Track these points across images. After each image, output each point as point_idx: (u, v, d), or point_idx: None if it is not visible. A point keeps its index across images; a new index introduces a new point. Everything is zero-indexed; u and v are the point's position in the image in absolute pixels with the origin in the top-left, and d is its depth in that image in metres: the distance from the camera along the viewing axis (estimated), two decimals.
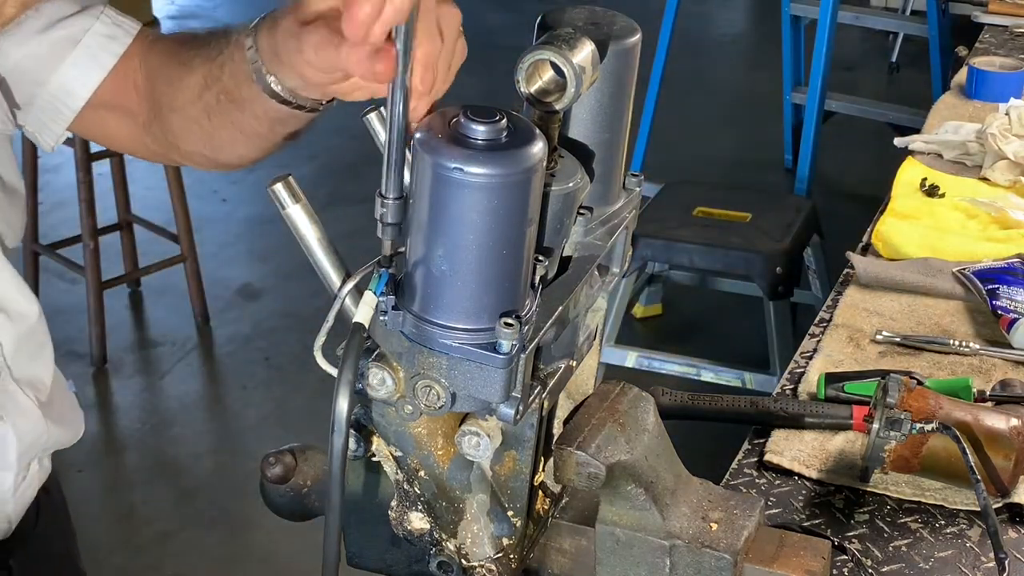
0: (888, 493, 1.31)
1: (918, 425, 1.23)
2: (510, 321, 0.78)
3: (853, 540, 1.25)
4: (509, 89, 0.85)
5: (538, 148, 0.77)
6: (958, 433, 1.21)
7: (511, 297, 0.79)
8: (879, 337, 1.60)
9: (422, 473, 0.90)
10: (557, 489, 0.98)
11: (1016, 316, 1.58)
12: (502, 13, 6.51)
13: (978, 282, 1.68)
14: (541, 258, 0.83)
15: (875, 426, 1.25)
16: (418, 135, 0.77)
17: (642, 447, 0.93)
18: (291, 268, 4.10)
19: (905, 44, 5.88)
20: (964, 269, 1.73)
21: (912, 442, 1.25)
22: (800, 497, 1.32)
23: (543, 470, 0.93)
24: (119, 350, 3.78)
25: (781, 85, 4.78)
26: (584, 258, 0.90)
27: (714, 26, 6.81)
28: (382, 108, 0.89)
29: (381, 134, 0.89)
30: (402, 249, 0.81)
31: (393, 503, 0.93)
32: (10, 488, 1.20)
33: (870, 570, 1.21)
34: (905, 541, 1.25)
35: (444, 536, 0.92)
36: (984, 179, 2.09)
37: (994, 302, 1.63)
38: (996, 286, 1.66)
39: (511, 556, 0.92)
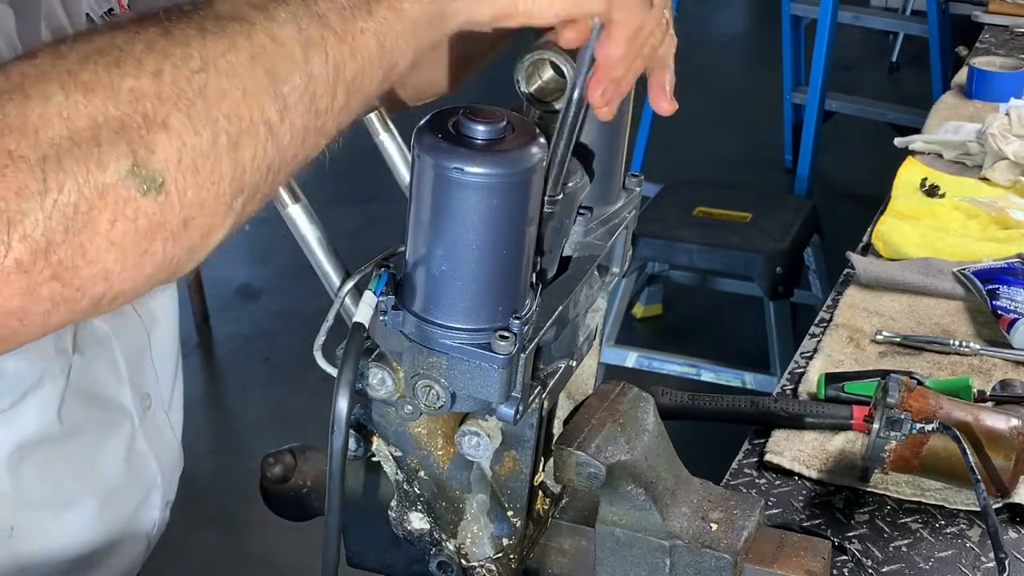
0: (888, 493, 1.31)
1: (918, 425, 1.23)
2: (505, 334, 0.78)
3: (853, 540, 1.25)
4: (509, 89, 0.85)
5: (538, 148, 0.76)
6: (958, 433, 1.21)
7: (511, 297, 0.79)
8: (879, 337, 1.60)
9: (422, 473, 0.90)
10: (557, 489, 0.98)
11: (1016, 316, 1.58)
12: None
13: (978, 282, 1.68)
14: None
15: (875, 426, 1.25)
16: (417, 135, 0.77)
17: (642, 447, 0.93)
18: (291, 268, 4.10)
19: (905, 44, 5.88)
20: (964, 269, 1.73)
21: (912, 442, 1.24)
22: (800, 497, 1.32)
23: (543, 470, 0.93)
24: None
25: (781, 85, 4.78)
26: (584, 258, 0.90)
27: (714, 26, 6.81)
28: (382, 109, 0.89)
29: (381, 134, 0.89)
30: (402, 248, 0.81)
31: (393, 503, 0.92)
32: (155, 527, 1.16)
33: (870, 570, 1.21)
34: (905, 541, 1.25)
35: (444, 536, 0.92)
36: (984, 179, 2.10)
37: (994, 302, 1.63)
38: (996, 286, 1.66)
39: (511, 556, 0.92)
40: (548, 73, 0.84)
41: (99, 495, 1.07)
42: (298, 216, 0.81)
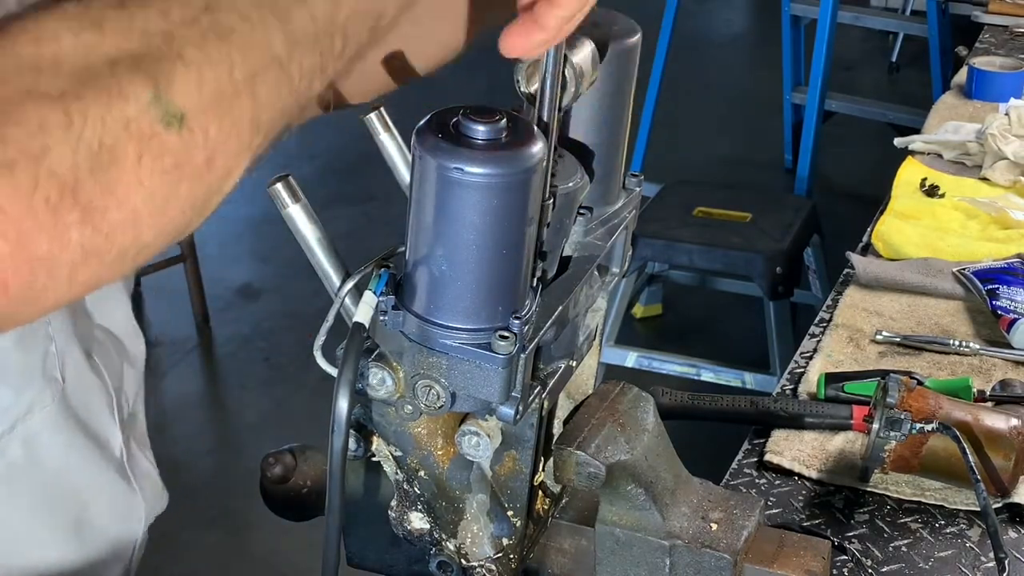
0: (888, 493, 1.31)
1: (918, 425, 1.23)
2: (505, 334, 0.78)
3: (853, 540, 1.25)
4: (509, 89, 0.85)
5: (538, 148, 0.76)
6: (958, 433, 1.21)
7: (511, 297, 0.79)
8: (879, 337, 1.60)
9: (422, 473, 0.90)
10: (557, 489, 0.98)
11: (1016, 316, 1.58)
12: None
13: (978, 282, 1.68)
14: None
15: (875, 426, 1.25)
16: (417, 135, 0.77)
17: (642, 447, 0.93)
18: (291, 268, 4.10)
19: (905, 44, 5.88)
20: (964, 269, 1.73)
21: (912, 442, 1.25)
22: (800, 497, 1.32)
23: (543, 470, 0.93)
24: None
25: (781, 85, 4.78)
26: (584, 258, 0.90)
27: (714, 26, 6.81)
28: (382, 109, 0.89)
29: (381, 134, 0.89)
30: (401, 248, 0.81)
31: (393, 503, 0.92)
32: (138, 544, 1.14)
33: (870, 570, 1.21)
34: (905, 541, 1.25)
35: (444, 536, 0.92)
36: (984, 179, 2.10)
37: (994, 302, 1.63)
38: (996, 286, 1.66)
39: (511, 556, 0.92)
40: None
41: (84, 527, 1.05)
42: (298, 216, 0.81)
